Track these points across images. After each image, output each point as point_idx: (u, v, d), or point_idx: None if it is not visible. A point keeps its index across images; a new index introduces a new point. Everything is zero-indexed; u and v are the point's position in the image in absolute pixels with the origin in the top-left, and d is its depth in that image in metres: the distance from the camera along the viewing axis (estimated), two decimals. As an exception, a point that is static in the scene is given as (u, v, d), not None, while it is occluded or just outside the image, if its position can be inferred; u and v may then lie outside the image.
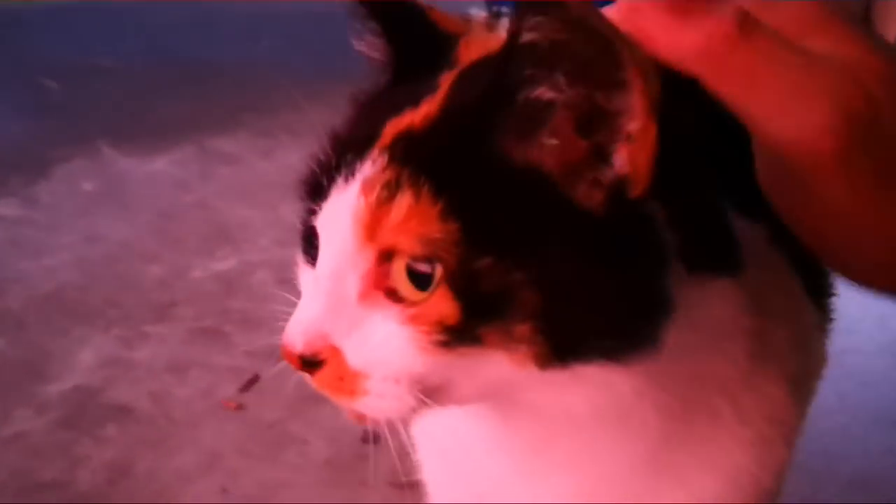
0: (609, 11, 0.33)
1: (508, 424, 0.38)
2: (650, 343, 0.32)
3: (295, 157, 1.56)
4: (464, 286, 0.31)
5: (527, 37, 0.30)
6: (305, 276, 0.36)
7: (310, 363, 0.33)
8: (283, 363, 0.36)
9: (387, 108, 0.36)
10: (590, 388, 0.33)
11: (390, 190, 0.32)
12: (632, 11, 0.34)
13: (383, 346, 0.33)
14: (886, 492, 0.67)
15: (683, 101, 0.33)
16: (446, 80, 0.37)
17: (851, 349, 1.11)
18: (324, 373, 0.34)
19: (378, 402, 0.34)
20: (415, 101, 0.35)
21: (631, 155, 0.31)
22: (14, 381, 1.24)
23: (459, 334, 0.32)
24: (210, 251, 1.59)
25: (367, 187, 0.33)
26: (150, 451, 1.12)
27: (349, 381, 0.33)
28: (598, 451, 0.37)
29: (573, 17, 0.29)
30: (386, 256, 0.33)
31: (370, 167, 0.33)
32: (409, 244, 0.32)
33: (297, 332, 0.33)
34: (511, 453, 0.39)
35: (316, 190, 0.36)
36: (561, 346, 0.32)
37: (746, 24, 0.33)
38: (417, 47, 0.39)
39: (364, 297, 0.33)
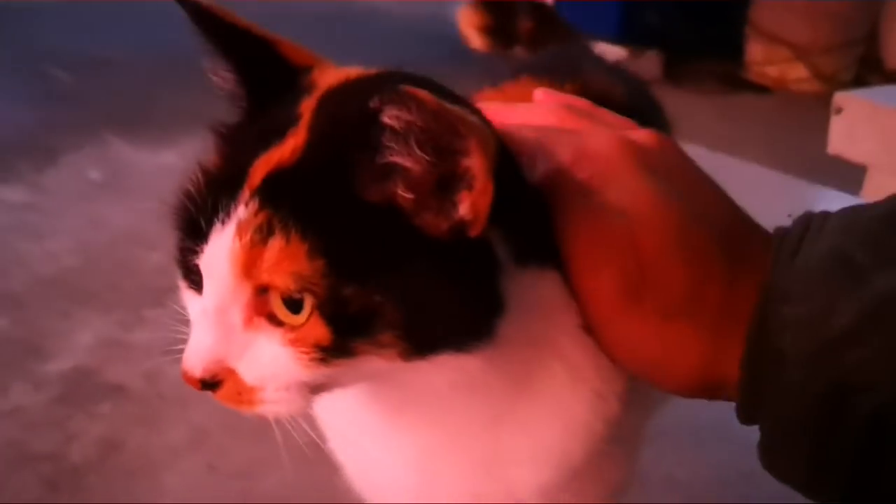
0: None
1: (378, 395, 0.44)
2: (487, 336, 0.39)
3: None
4: (333, 312, 0.36)
5: (386, 120, 0.35)
6: (192, 302, 0.40)
7: (209, 385, 0.37)
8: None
9: (253, 143, 0.40)
10: (444, 368, 0.40)
11: (262, 234, 0.36)
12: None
13: (271, 365, 0.38)
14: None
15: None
16: (307, 107, 0.40)
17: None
18: (224, 391, 0.38)
19: (275, 407, 0.39)
20: (279, 134, 0.39)
21: (473, 205, 0.37)
22: (14, 358, 1.29)
23: (334, 351, 0.37)
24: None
25: (241, 231, 0.37)
26: (141, 428, 1.16)
27: (246, 394, 0.38)
28: (454, 411, 0.43)
29: (428, 108, 0.34)
30: (262, 290, 0.37)
31: (243, 211, 0.37)
32: (281, 281, 0.36)
33: (195, 360, 0.38)
34: (382, 415, 0.45)
35: (193, 229, 0.39)
36: (419, 345, 0.38)
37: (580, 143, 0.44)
38: (270, 79, 0.43)
39: (248, 323, 0.38)
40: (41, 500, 1.05)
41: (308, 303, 0.37)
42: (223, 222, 0.38)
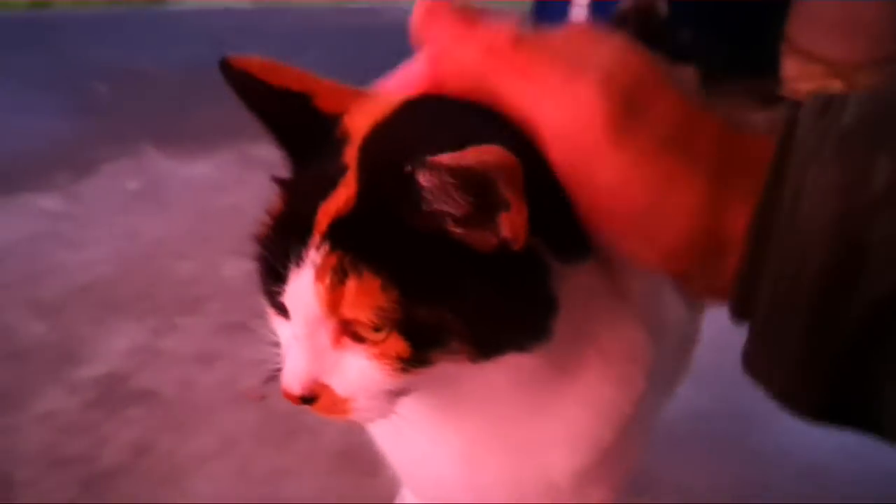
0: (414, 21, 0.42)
1: (431, 391, 0.46)
2: (545, 335, 0.42)
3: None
4: (409, 330, 0.40)
5: (422, 182, 0.38)
6: (281, 328, 0.44)
7: (307, 400, 0.40)
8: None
9: (312, 192, 0.42)
10: (504, 366, 0.43)
11: (338, 275, 0.40)
12: (428, 22, 0.41)
13: (360, 377, 0.41)
14: (832, 483, 0.71)
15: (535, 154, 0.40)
16: (351, 157, 0.42)
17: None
18: (320, 404, 0.42)
19: (365, 413, 0.43)
20: (333, 184, 0.41)
21: (511, 225, 0.39)
22: (50, 363, 1.32)
23: (413, 361, 0.41)
24: (242, 251, 1.65)
25: (319, 274, 0.40)
26: (171, 434, 1.18)
27: (340, 404, 0.42)
28: (503, 403, 0.46)
29: (453, 169, 0.37)
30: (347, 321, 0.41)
31: (316, 255, 0.40)
32: (363, 315, 0.40)
33: (293, 380, 0.42)
34: (432, 409, 0.47)
35: (272, 272, 0.43)
36: (485, 349, 0.41)
37: (516, 36, 0.39)
38: (307, 133, 0.45)
39: (336, 344, 0.41)
40: (73, 501, 1.07)
41: (387, 325, 0.40)
42: (299, 265, 0.41)
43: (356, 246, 0.40)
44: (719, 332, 0.41)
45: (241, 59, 0.46)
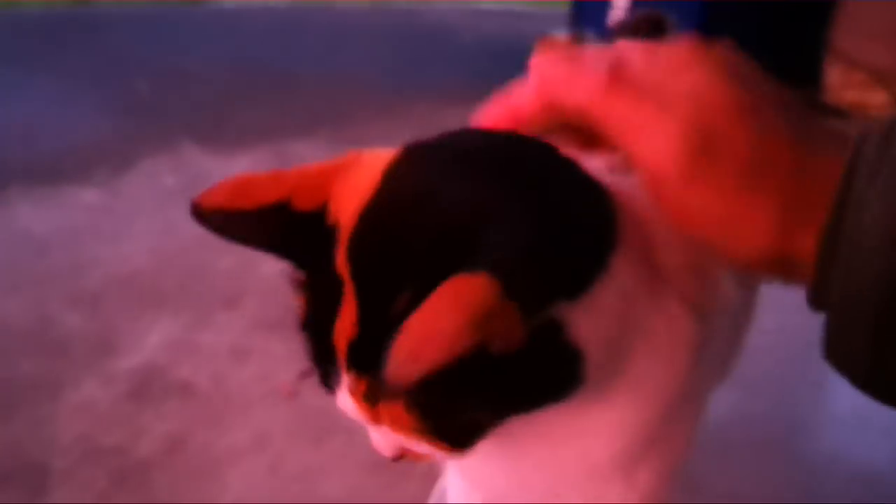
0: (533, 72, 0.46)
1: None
2: (578, 384, 0.41)
3: (365, 165, 1.60)
4: (444, 434, 0.41)
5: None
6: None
7: (399, 456, 0.44)
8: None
9: (322, 306, 0.41)
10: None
11: (369, 398, 0.40)
12: (542, 71, 0.46)
13: (425, 450, 0.43)
14: (885, 492, 0.70)
15: None
16: (342, 263, 0.40)
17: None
18: (411, 456, 0.44)
19: (444, 458, 0.44)
20: (336, 298, 0.40)
21: (509, 340, 0.38)
22: (87, 354, 1.32)
23: (456, 452, 0.42)
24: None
25: (354, 396, 0.41)
26: (206, 428, 1.18)
27: (423, 457, 0.43)
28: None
29: (437, 358, 0.35)
30: None
31: (346, 379, 0.41)
32: (403, 431, 0.41)
33: (381, 448, 0.44)
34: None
35: (323, 379, 0.44)
36: (521, 413, 0.41)
37: (614, 77, 0.43)
38: (297, 240, 0.43)
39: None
40: (108, 492, 1.07)
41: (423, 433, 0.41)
42: (338, 385, 0.42)
43: (373, 370, 0.39)
44: (769, 335, 0.40)
45: (208, 196, 0.44)
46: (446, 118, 1.92)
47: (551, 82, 0.45)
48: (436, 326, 0.34)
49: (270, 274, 1.61)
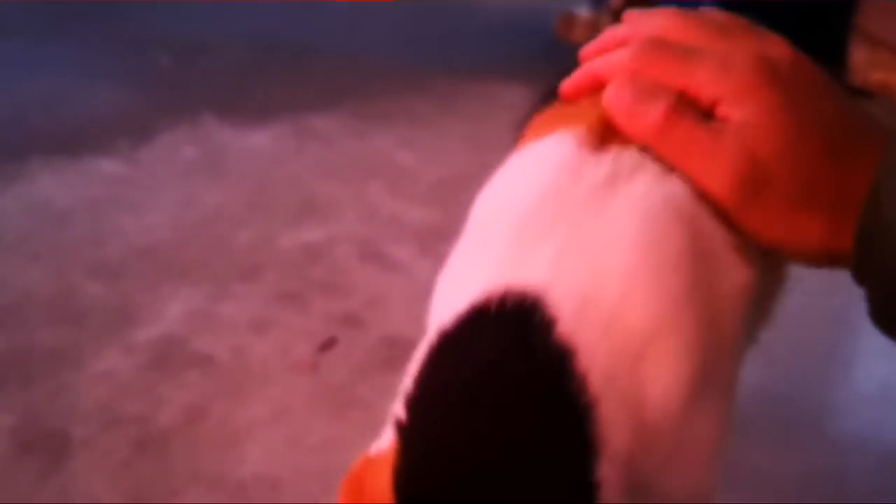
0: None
1: None
2: None
3: (386, 140, 1.64)
4: None
5: None
6: None
7: None
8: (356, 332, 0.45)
9: None
10: None
11: None
12: (610, 97, 0.49)
13: None
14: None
15: None
16: None
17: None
18: None
19: None
20: None
21: None
22: (107, 324, 1.33)
23: None
24: (298, 222, 1.66)
25: None
26: (226, 399, 1.18)
27: None
28: None
29: None
30: None
31: None
32: None
33: None
34: None
35: None
36: None
37: (674, 112, 0.47)
38: None
39: None
40: (128, 460, 1.08)
41: None
42: None
43: None
44: (797, 315, 0.39)
45: None
46: (468, 93, 1.92)
47: (615, 114, 0.49)
48: None
49: (290, 247, 1.61)
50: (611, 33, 0.56)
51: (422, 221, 1.67)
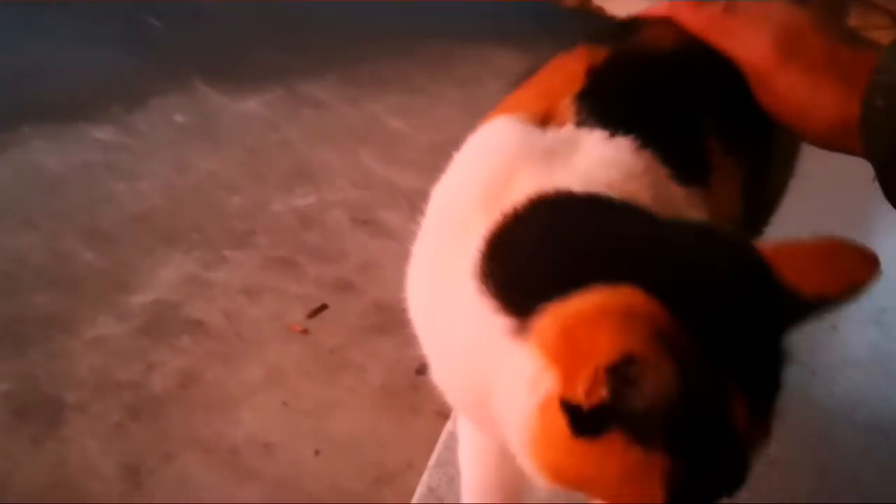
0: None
1: None
2: None
3: (379, 105, 1.62)
4: None
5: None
6: None
7: None
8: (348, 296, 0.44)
9: None
10: None
11: None
12: (670, 9, 0.66)
13: None
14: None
15: None
16: None
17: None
18: None
19: None
20: None
21: None
22: (101, 290, 1.33)
23: None
24: (290, 187, 1.65)
25: None
26: (219, 364, 1.19)
27: None
28: None
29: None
30: None
31: None
32: None
33: None
34: None
35: None
36: None
37: (729, 6, 0.63)
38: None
39: None
40: (122, 424, 1.09)
41: None
42: None
43: None
44: None
45: None
46: (461, 57, 1.90)
47: (679, 17, 0.64)
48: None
49: (283, 212, 1.61)
50: None
51: (414, 186, 1.66)
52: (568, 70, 0.57)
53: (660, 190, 0.50)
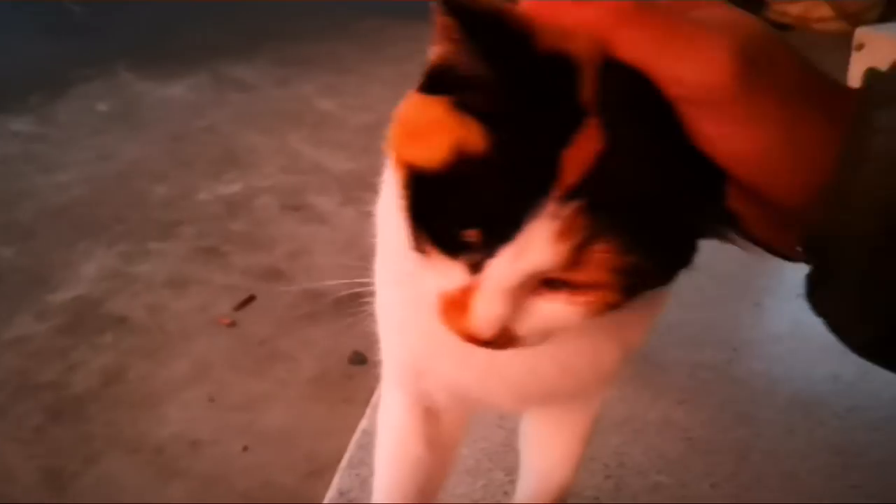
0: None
1: None
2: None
3: (309, 87, 1.60)
4: (627, 285, 0.38)
5: None
6: (450, 269, 0.40)
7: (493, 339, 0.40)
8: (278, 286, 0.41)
9: (545, 135, 0.37)
10: None
11: (586, 236, 0.37)
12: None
13: (547, 321, 0.41)
14: (824, 414, 0.69)
15: None
16: (588, 96, 0.37)
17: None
18: (494, 343, 0.40)
19: (530, 344, 0.41)
20: (571, 128, 0.37)
21: None
22: (19, 288, 1.29)
23: (615, 308, 0.40)
24: (217, 174, 1.62)
25: (562, 232, 0.37)
26: (143, 360, 1.16)
27: (511, 341, 0.40)
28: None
29: None
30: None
31: (560, 210, 0.37)
32: (599, 276, 0.38)
33: (486, 327, 0.39)
34: None
35: (464, 217, 0.39)
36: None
37: (651, 3, 0.40)
38: (527, 66, 0.38)
39: (534, 293, 0.39)
40: (43, 427, 1.05)
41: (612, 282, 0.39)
42: (531, 219, 0.37)
43: (606, 205, 0.37)
44: (706, 254, 0.38)
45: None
46: (394, 35, 1.87)
47: (556, 7, 0.40)
48: None
49: (209, 200, 1.57)
50: None
51: (345, 169, 1.64)
52: None
53: None
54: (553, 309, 0.40)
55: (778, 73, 0.40)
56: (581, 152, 0.36)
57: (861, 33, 1.30)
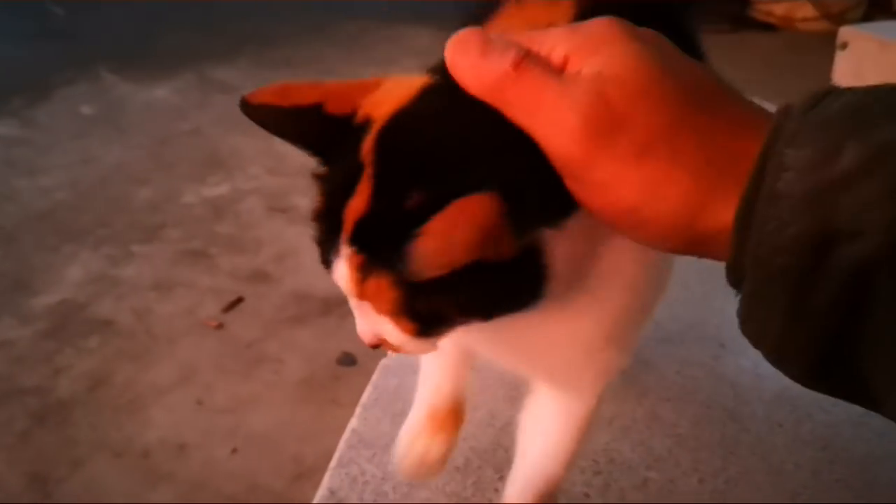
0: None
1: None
2: (537, 299, 0.44)
3: (291, 88, 1.56)
4: (415, 316, 0.44)
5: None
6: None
7: (376, 345, 0.46)
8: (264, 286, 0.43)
9: (338, 188, 0.43)
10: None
11: (361, 273, 0.42)
12: (452, 52, 0.42)
13: (397, 337, 0.46)
14: (810, 409, 0.70)
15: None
16: (367, 149, 0.42)
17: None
18: (386, 346, 0.46)
19: (416, 353, 0.48)
20: (354, 181, 0.42)
21: (499, 251, 0.41)
22: (2, 293, 1.28)
23: (424, 335, 0.45)
24: (202, 177, 1.61)
25: (349, 269, 0.42)
26: (129, 364, 1.15)
27: (396, 348, 0.46)
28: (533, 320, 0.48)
29: (455, 242, 0.39)
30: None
31: (347, 251, 0.42)
32: (381, 307, 0.44)
33: (361, 334, 0.45)
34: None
35: (322, 250, 0.45)
36: (486, 318, 0.45)
37: (520, 63, 0.41)
38: (329, 135, 0.45)
39: (377, 312, 0.45)
40: (28, 432, 1.05)
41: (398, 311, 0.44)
42: (337, 256, 0.43)
43: (373, 248, 0.42)
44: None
45: (256, 95, 0.47)
46: (376, 37, 1.88)
47: (458, 69, 0.42)
48: (453, 235, 0.38)
49: (194, 203, 1.57)
50: None
51: (331, 171, 1.64)
52: None
53: None
54: (390, 329, 0.45)
55: (631, 131, 0.40)
56: (355, 203, 0.42)
57: (845, 32, 1.31)
